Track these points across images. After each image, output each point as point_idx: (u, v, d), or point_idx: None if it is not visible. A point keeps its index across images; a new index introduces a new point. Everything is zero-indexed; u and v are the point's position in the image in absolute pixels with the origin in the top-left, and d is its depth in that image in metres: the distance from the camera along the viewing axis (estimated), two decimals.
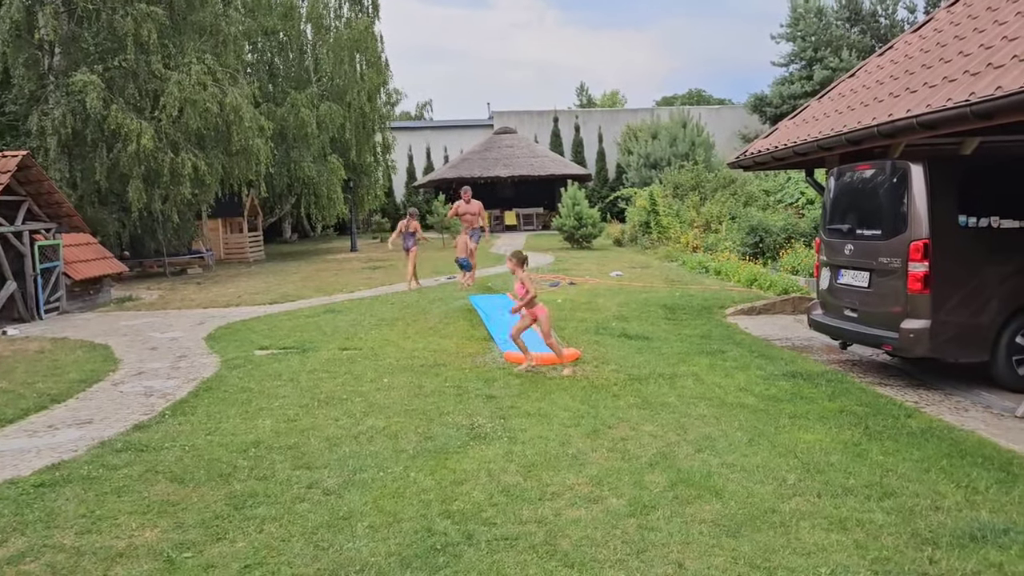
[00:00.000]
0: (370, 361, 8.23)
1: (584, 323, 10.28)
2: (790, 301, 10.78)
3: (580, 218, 22.50)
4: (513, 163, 33.60)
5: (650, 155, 31.21)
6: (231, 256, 24.29)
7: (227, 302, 13.72)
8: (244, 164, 18.30)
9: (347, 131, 24.33)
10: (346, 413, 6.21)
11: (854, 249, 7.12)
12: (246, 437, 5.60)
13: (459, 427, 5.76)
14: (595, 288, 13.48)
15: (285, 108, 22.29)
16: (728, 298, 11.59)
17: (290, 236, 34.72)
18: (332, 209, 23.46)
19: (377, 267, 19.32)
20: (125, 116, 16.14)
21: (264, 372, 7.79)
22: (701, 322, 10.34)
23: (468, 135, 41.48)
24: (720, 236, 17.31)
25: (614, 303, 11.64)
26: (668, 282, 13.89)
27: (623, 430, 5.66)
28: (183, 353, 9.09)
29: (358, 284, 15.63)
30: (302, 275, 18.23)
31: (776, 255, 13.63)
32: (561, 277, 14.91)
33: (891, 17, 38.87)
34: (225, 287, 16.31)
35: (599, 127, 41.16)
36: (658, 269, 16.47)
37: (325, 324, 10.64)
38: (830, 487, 4.42)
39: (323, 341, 9.42)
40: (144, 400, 6.86)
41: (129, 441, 5.55)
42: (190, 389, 7.18)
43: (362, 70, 25.16)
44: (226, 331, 10.49)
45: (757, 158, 9.45)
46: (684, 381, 7.10)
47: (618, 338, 9.34)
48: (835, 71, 35.34)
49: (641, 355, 8.34)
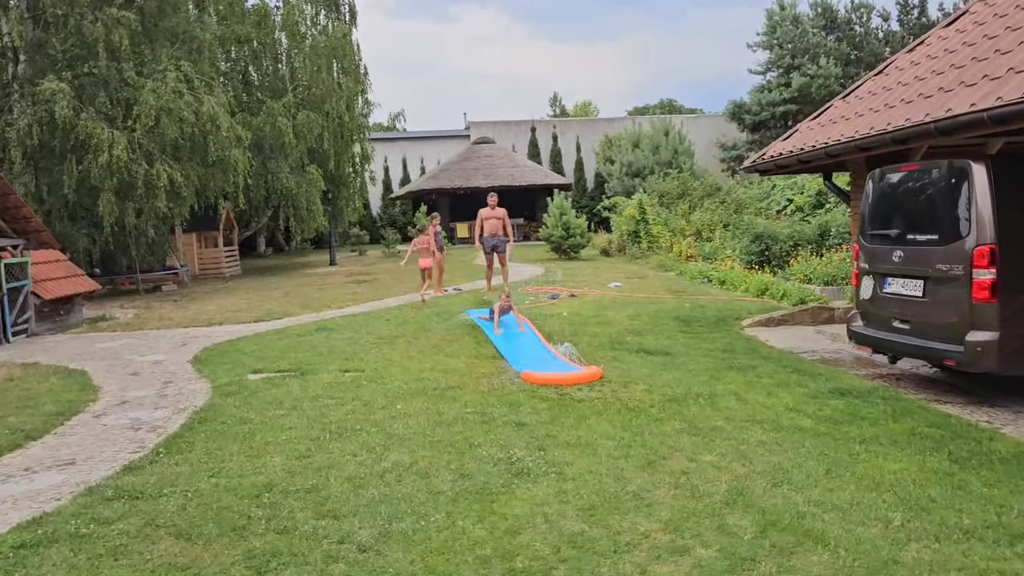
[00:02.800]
0: (377, 385, 7.56)
1: (597, 338, 9.70)
2: (809, 311, 10.30)
3: (568, 228, 21.96)
4: (493, 173, 33.03)
5: (632, 164, 30.82)
6: (206, 271, 23.39)
7: (209, 320, 12.94)
8: (221, 175, 17.51)
9: (325, 141, 23.57)
10: (364, 447, 5.54)
11: (904, 256, 6.62)
12: (256, 479, 4.91)
13: (496, 461, 5.13)
14: (598, 300, 12.91)
15: (261, 118, 21.48)
16: (742, 309, 11.09)
17: (264, 250, 33.80)
18: (312, 221, 22.67)
19: (362, 281, 18.59)
20: (96, 125, 15.29)
21: (262, 399, 7.09)
22: (719, 335, 9.81)
23: (445, 146, 40.87)
24: (717, 244, 16.85)
25: (624, 316, 11.08)
26: (672, 293, 13.37)
27: (680, 461, 5.07)
28: (169, 379, 8.35)
29: (346, 299, 14.91)
30: (284, 291, 17.45)
31: (783, 263, 13.18)
32: (560, 289, 14.33)
33: (865, 25, 39.08)
34: (204, 304, 15.50)
35: (577, 137, 40.79)
36: (656, 279, 15.97)
37: (319, 343, 9.93)
38: (946, 529, 3.86)
39: (321, 363, 8.73)
40: (132, 435, 6.13)
41: (121, 487, 4.84)
42: (182, 421, 6.45)
43: (340, 79, 24.44)
44: (213, 353, 9.74)
45: (779, 161, 8.96)
46: (725, 401, 6.54)
47: (636, 354, 8.78)
48: (813, 78, 35.39)
49: (668, 372, 7.78)
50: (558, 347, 8.38)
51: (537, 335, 9.63)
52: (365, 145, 26.77)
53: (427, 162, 40.56)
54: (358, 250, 29.89)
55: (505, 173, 33.10)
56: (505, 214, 15.06)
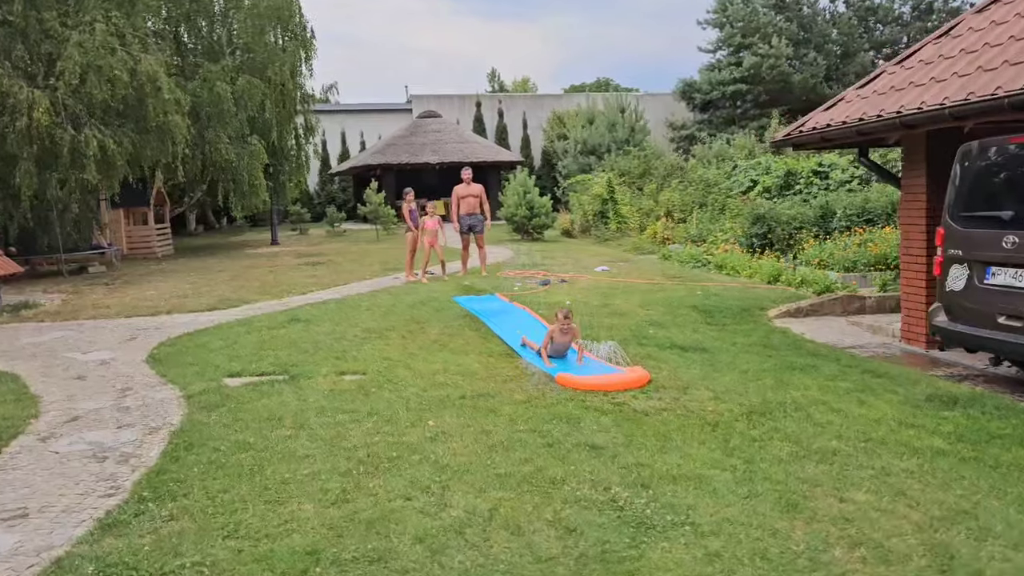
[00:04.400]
0: (389, 392, 6.31)
1: (616, 331, 8.63)
2: (839, 301, 9.46)
3: (532, 207, 20.82)
4: (441, 149, 31.56)
5: (587, 141, 29.80)
6: (135, 251, 21.36)
7: (153, 308, 11.33)
8: (159, 144, 15.66)
9: (267, 110, 21.72)
10: (414, 485, 4.32)
11: (1020, 242, 5.72)
12: (291, 541, 3.65)
13: (599, 507, 4.00)
14: (593, 286, 11.84)
15: (197, 82, 19.52)
16: (760, 298, 10.18)
17: (195, 228, 31.58)
18: (255, 197, 20.84)
19: (316, 263, 17.05)
20: (13, 83, 13.33)
21: (255, 414, 5.75)
22: (748, 327, 8.88)
23: (386, 120, 39.09)
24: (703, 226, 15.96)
25: (634, 305, 10.04)
26: (671, 279, 12.40)
27: (828, 501, 4.03)
28: (126, 384, 6.89)
29: (307, 284, 13.43)
30: (231, 273, 15.78)
31: (787, 247, 12.35)
32: (549, 274, 13.19)
33: (813, 6, 38.93)
34: (142, 289, 13.78)
35: (524, 113, 39.56)
36: (643, 264, 14.99)
37: (299, 338, 8.56)
38: None
39: (309, 363, 7.39)
40: (97, 468, 4.75)
41: (104, 559, 3.51)
42: (160, 447, 5.09)
43: (284, 42, 22.55)
44: (172, 350, 8.27)
45: (827, 133, 8.01)
46: (817, 413, 5.55)
47: (670, 350, 7.75)
48: (764, 58, 35.01)
49: (720, 373, 6.79)
50: (599, 345, 7.25)
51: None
52: (310, 116, 24.94)
53: (367, 136, 38.70)
54: (299, 228, 28.08)
55: (454, 149, 31.66)
56: (482, 190, 13.87)
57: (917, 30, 39.25)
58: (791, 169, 19.45)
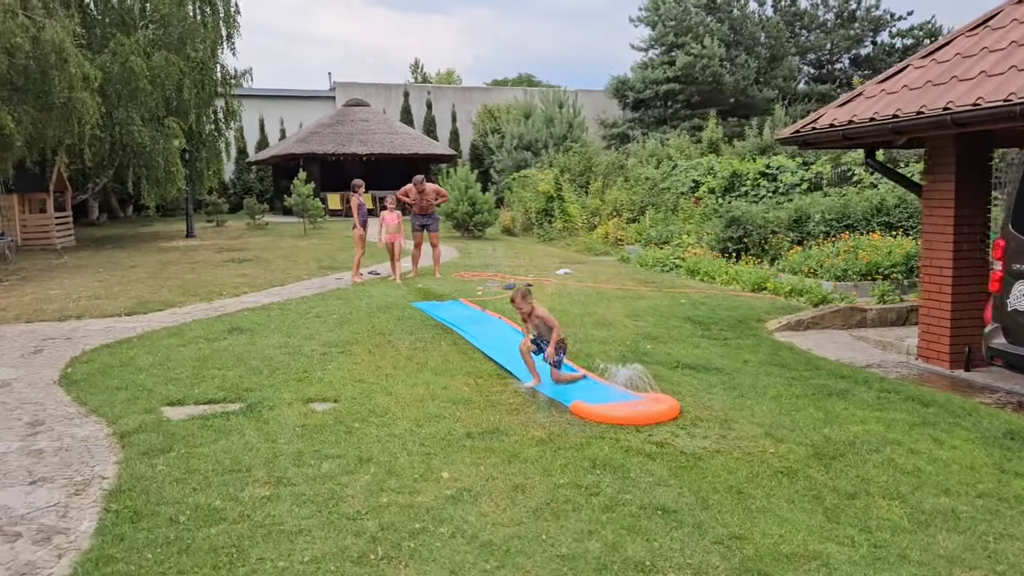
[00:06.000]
0: (376, 428, 5.17)
1: (608, 345, 7.71)
2: (840, 313, 8.79)
3: (474, 203, 19.73)
4: (370, 140, 30.00)
5: (523, 136, 28.84)
6: (31, 241, 19.16)
7: (60, 312, 9.74)
8: (63, 123, 13.83)
9: (185, 90, 19.87)
10: None
11: None
12: None
13: None
14: (562, 291, 10.87)
15: (107, 55, 17.55)
16: (752, 308, 9.44)
17: (98, 217, 29.04)
18: (170, 185, 18.98)
19: (243, 260, 15.47)
20: None
21: (213, 462, 4.52)
22: (751, 341, 8.10)
23: (308, 107, 37.12)
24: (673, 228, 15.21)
25: (620, 315, 9.12)
26: (643, 284, 11.56)
27: None
28: (35, 416, 5.50)
29: (237, 284, 11.96)
30: (146, 270, 14.09)
31: (763, 251, 11.68)
32: (511, 277, 12.15)
33: (743, 9, 39.10)
34: (45, 287, 12.04)
35: (453, 105, 38.26)
36: (602, 266, 14.13)
37: (245, 352, 7.27)
38: None
39: (267, 386, 6.15)
40: (8, 552, 3.46)
41: None
42: (94, 516, 3.82)
43: (205, 16, 20.69)
44: (90, 368, 6.84)
45: (849, 130, 7.26)
46: (897, 456, 4.75)
47: (677, 370, 6.89)
48: (698, 58, 34.85)
49: (750, 400, 5.97)
50: (618, 369, 6.25)
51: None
52: (231, 99, 23.08)
53: (288, 124, 36.64)
54: (215, 220, 26.06)
55: (383, 140, 30.16)
56: (437, 191, 12.91)
57: (840, 37, 40.04)
58: (736, 170, 19.02)
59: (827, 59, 41.59)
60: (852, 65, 41.16)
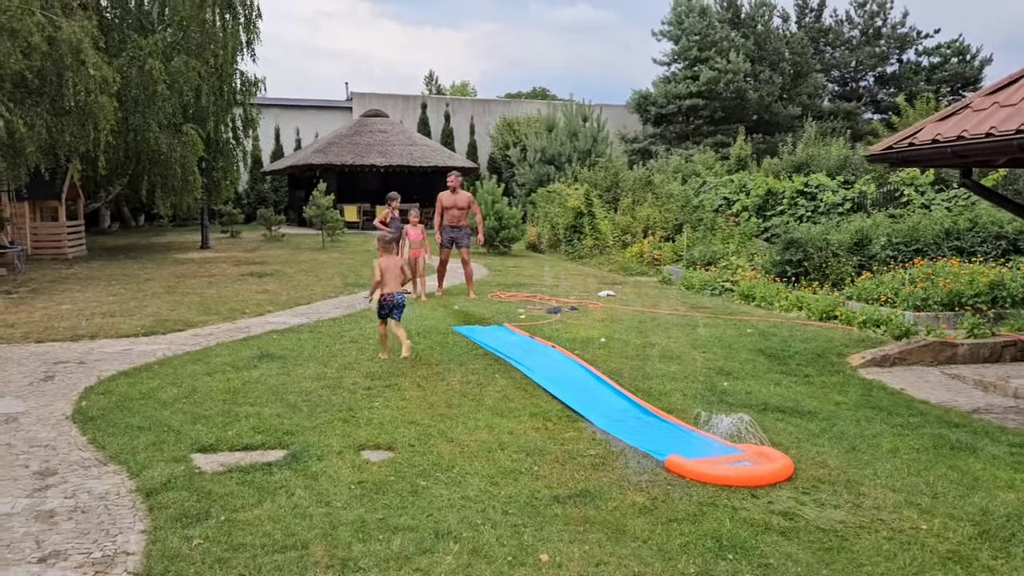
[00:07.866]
0: (445, 488, 4.39)
1: (680, 381, 6.94)
2: (929, 348, 7.99)
3: (501, 218, 18.98)
4: (389, 151, 29.33)
5: (546, 150, 28.11)
6: (42, 251, 18.48)
7: (72, 330, 9.00)
8: (79, 129, 13.15)
9: (203, 96, 19.23)
10: None
11: None
12: None
13: None
14: (613, 316, 10.09)
15: (124, 59, 16.91)
16: (828, 339, 8.62)
17: (110, 226, 28.42)
18: (188, 193, 18.30)
19: (263, 274, 14.74)
20: None
21: (261, 534, 3.74)
22: (836, 379, 7.32)
23: (324, 117, 36.59)
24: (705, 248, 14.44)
25: (683, 345, 8.34)
26: (696, 309, 10.76)
27: None
28: (45, 463, 4.73)
29: (260, 302, 11.20)
30: (162, 284, 13.35)
31: (823, 276, 10.88)
32: (551, 299, 11.37)
33: (767, 25, 38.43)
34: (55, 301, 11.31)
35: (471, 117, 37.65)
36: (644, 288, 13.33)
37: (279, 384, 6.50)
38: None
39: (309, 428, 5.38)
40: None
41: None
42: None
43: (227, 21, 20.07)
44: (108, 400, 6.08)
45: (960, 147, 6.48)
46: None
47: (766, 413, 6.12)
48: (722, 73, 34.17)
49: (864, 455, 5.25)
50: (720, 419, 5.46)
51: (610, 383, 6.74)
52: (250, 107, 22.44)
53: (304, 134, 36.06)
54: (230, 231, 25.37)
55: (402, 151, 29.48)
56: (471, 200, 11.96)
57: (866, 54, 39.33)
58: (771, 188, 18.25)
59: (852, 76, 40.89)
60: (877, 83, 40.49)
